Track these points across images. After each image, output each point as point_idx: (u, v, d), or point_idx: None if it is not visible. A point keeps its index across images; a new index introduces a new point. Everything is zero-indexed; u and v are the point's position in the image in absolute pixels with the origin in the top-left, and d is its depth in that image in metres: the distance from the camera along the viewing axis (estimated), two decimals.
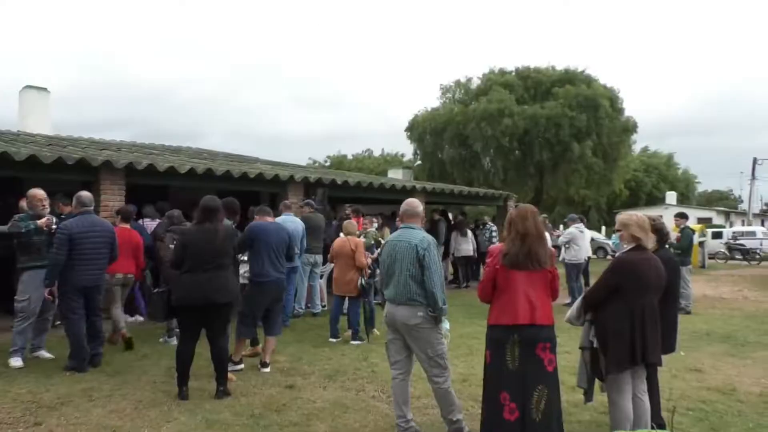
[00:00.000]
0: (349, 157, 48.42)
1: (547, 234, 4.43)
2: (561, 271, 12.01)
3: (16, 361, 5.84)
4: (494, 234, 13.89)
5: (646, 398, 4.05)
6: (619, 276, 3.98)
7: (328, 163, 46.72)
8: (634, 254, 4.01)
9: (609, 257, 26.33)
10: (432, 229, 12.44)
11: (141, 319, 8.51)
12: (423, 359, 4.21)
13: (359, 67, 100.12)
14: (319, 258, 9.37)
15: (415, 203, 4.49)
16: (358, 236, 8.14)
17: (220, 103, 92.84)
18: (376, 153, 49.84)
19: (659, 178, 44.33)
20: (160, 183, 9.81)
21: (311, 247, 9.03)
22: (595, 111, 25.60)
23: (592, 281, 12.62)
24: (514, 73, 28.84)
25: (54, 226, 6.06)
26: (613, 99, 27.13)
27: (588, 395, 4.23)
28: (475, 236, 14.07)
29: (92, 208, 6.16)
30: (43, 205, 6.12)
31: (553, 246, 7.69)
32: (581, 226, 11.56)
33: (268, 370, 5.82)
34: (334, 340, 7.40)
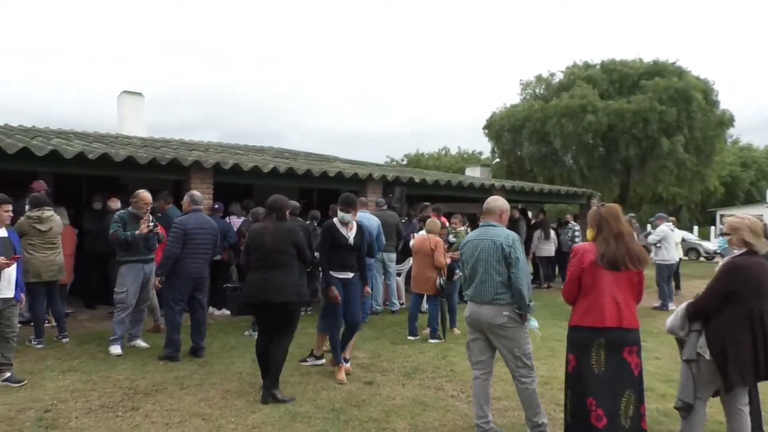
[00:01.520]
0: (426, 155, 48.33)
1: (634, 234, 4.24)
2: (649, 273, 11.52)
3: (115, 349, 6.25)
4: (577, 233, 13.46)
5: (746, 410, 3.79)
6: (733, 282, 3.71)
7: (405, 162, 46.85)
8: (747, 258, 3.74)
9: (701, 259, 24.92)
10: (511, 228, 12.20)
11: (227, 312, 8.87)
12: (509, 359, 4.14)
13: (437, 65, 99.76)
14: (393, 256, 9.40)
15: (495, 200, 4.41)
16: (447, 235, 8.14)
17: (302, 104, 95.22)
18: (453, 151, 49.48)
19: (759, 174, 40.73)
20: (245, 182, 10.20)
21: (384, 245, 9.09)
22: (687, 104, 24.19)
23: (683, 284, 12.04)
24: (598, 67, 27.76)
25: (151, 225, 6.45)
26: (707, 91, 25.57)
27: (687, 410, 3.87)
28: (557, 235, 13.70)
29: (202, 206, 6.52)
30: (147, 208, 6.53)
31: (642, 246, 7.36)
32: (671, 224, 11.00)
33: (347, 365, 5.91)
34: (412, 338, 7.41)
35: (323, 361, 6.03)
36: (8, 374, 5.14)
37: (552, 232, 13.55)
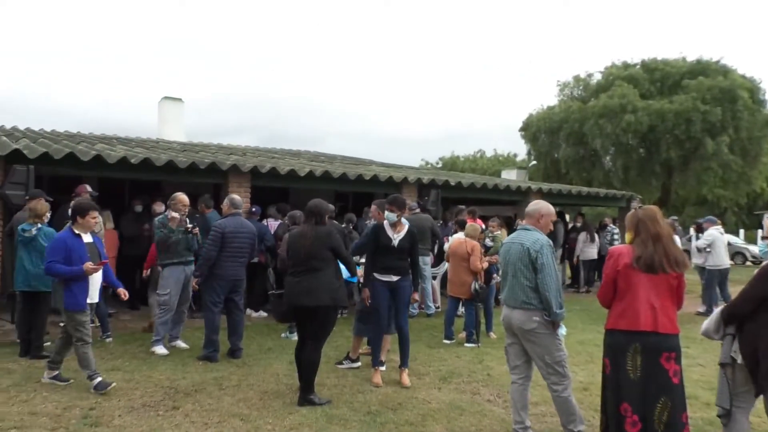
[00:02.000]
0: (461, 158, 48.06)
1: (677, 237, 4.13)
2: (694, 277, 11.22)
3: (160, 349, 6.39)
4: (616, 236, 13.21)
5: None
6: None
7: (440, 165, 46.69)
8: None
9: (748, 263, 24.13)
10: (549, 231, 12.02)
11: (265, 314, 8.98)
12: (540, 366, 4.08)
13: (472, 67, 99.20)
14: (428, 259, 9.35)
15: (535, 204, 4.35)
16: (484, 239, 8.08)
17: (339, 108, 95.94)
18: (489, 153, 49.08)
19: None
20: (282, 185, 10.32)
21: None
22: (732, 104, 23.42)
23: (730, 290, 11.68)
24: (638, 66, 27.14)
25: (189, 226, 6.59)
26: (753, 90, 24.70)
27: (726, 417, 3.77)
28: (597, 239, 13.46)
29: (241, 210, 6.63)
30: (185, 210, 6.67)
31: (684, 250, 7.16)
32: (720, 228, 10.67)
33: (383, 368, 5.90)
34: (448, 341, 7.37)
35: (359, 364, 6.03)
36: (56, 372, 5.25)
37: (595, 235, 13.34)
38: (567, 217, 15.47)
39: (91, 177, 8.93)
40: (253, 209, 8.78)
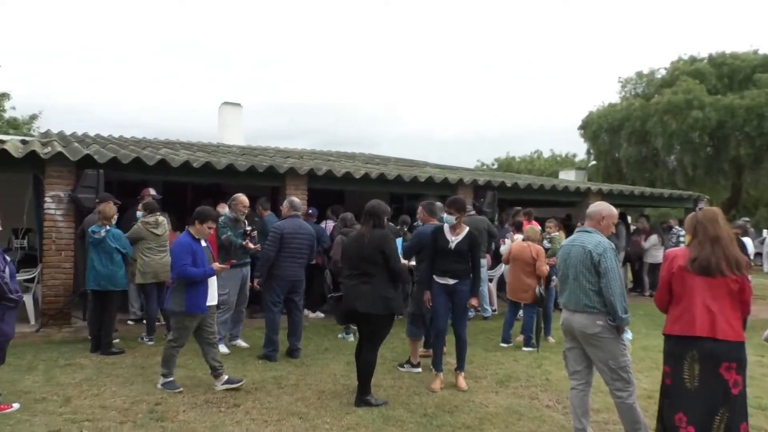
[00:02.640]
0: (518, 158, 47.31)
1: (748, 239, 3.93)
2: (764, 281, 10.64)
3: (222, 348, 6.57)
4: (682, 238, 12.65)
5: None
6: None
7: (495, 166, 46.11)
8: None
9: None
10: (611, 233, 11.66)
11: (322, 315, 9.09)
12: (604, 371, 3.96)
13: (527, 66, 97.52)
14: (484, 261, 9.24)
15: (596, 205, 4.23)
16: (542, 240, 7.94)
17: (395, 110, 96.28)
18: (546, 154, 48.10)
19: None
20: (338, 187, 10.44)
21: None
22: None
23: None
24: (705, 61, 26.00)
25: (247, 228, 6.76)
26: None
27: None
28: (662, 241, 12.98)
29: (300, 212, 6.76)
30: (245, 211, 6.84)
31: (757, 253, 6.82)
32: None
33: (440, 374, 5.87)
34: (505, 345, 7.27)
35: (419, 369, 6.00)
36: (226, 377, 5.23)
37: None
38: (629, 218, 14.97)
39: (155, 180, 9.29)
40: (310, 211, 8.91)
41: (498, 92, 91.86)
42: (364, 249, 4.90)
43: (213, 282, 5.27)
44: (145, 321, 7.33)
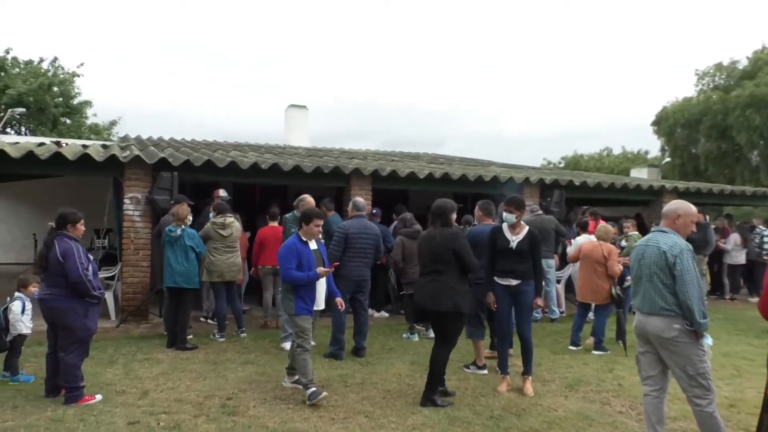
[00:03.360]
0: (586, 156, 45.93)
1: None
2: None
3: (287, 346, 6.69)
4: (766, 239, 11.96)
5: None
6: None
7: (562, 164, 44.96)
8: None
9: None
10: (700, 234, 11.05)
11: (386, 315, 9.13)
12: (681, 377, 3.77)
13: (594, 62, 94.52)
14: (552, 261, 9.02)
15: (672, 203, 4.04)
16: (617, 241, 7.69)
17: (460, 110, 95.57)
18: (616, 151, 46.46)
19: None
20: (402, 187, 10.45)
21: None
22: None
23: None
24: None
25: None
26: None
27: None
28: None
29: (365, 212, 6.82)
30: None
31: None
32: None
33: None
34: (574, 347, 7.06)
35: (486, 371, 5.93)
36: (296, 377, 5.18)
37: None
38: (707, 218, 14.25)
39: (226, 182, 9.59)
40: (374, 211, 8.97)
41: (565, 89, 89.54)
42: (434, 248, 4.91)
43: (321, 285, 5.15)
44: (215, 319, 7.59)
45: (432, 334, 7.31)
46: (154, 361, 6.12)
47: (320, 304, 5.16)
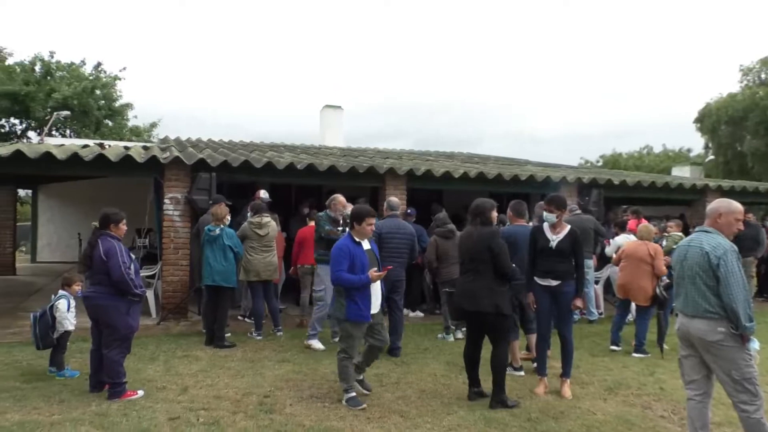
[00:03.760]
0: (625, 155, 44.93)
1: None
2: None
3: (316, 344, 6.76)
4: None
5: None
6: None
7: (600, 163, 44.10)
8: None
9: None
10: (747, 233, 10.66)
11: (421, 315, 9.11)
12: (726, 382, 3.65)
13: (633, 57, 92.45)
14: (590, 262, 8.85)
15: (716, 202, 3.92)
16: (657, 241, 7.53)
17: (491, 109, 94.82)
18: (657, 149, 45.31)
19: None
20: (437, 187, 10.42)
21: None
22: None
23: None
24: None
25: (340, 229, 6.92)
26: None
27: None
28: None
29: (399, 212, 6.83)
30: (343, 211, 7.01)
31: None
32: None
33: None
34: (616, 348, 6.90)
35: (522, 373, 5.86)
36: (361, 377, 5.09)
37: None
38: (752, 217, 13.78)
39: (263, 182, 9.71)
40: (409, 211, 8.96)
41: (602, 87, 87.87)
42: (472, 247, 4.89)
43: (376, 288, 4.91)
44: (253, 317, 7.69)
45: (460, 336, 7.30)
46: (194, 358, 6.24)
47: (375, 308, 4.90)
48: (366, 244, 4.95)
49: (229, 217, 7.06)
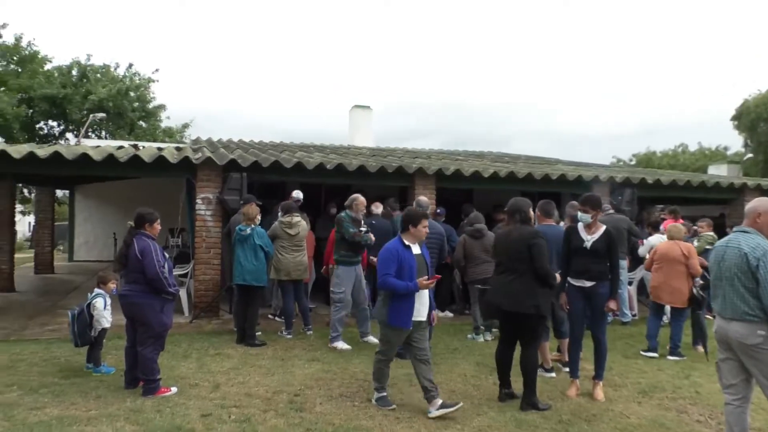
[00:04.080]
0: (659, 153, 44.07)
1: None
2: None
3: (341, 345, 6.78)
4: None
5: None
6: None
7: (633, 162, 43.33)
8: None
9: None
10: None
11: (451, 315, 9.08)
12: (766, 386, 3.55)
13: (669, 54, 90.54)
14: (624, 263, 8.68)
15: (755, 201, 3.80)
16: (689, 241, 7.36)
17: (522, 108, 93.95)
18: (692, 147, 44.33)
19: None
20: (466, 187, 10.36)
21: None
22: None
23: None
24: None
25: (363, 229, 6.94)
26: None
27: None
28: None
29: (428, 211, 6.82)
30: (364, 210, 7.06)
31: None
32: None
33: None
34: (654, 354, 6.72)
35: (553, 374, 5.80)
36: (440, 400, 4.59)
37: None
38: None
39: (292, 182, 9.79)
40: (438, 211, 8.93)
41: (636, 84, 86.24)
42: (511, 245, 4.81)
43: (424, 295, 4.65)
44: (282, 316, 7.76)
45: (489, 337, 7.25)
46: (225, 356, 6.32)
47: (421, 315, 4.65)
48: (416, 249, 4.72)
49: (259, 217, 7.13)
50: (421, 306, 4.64)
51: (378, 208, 8.68)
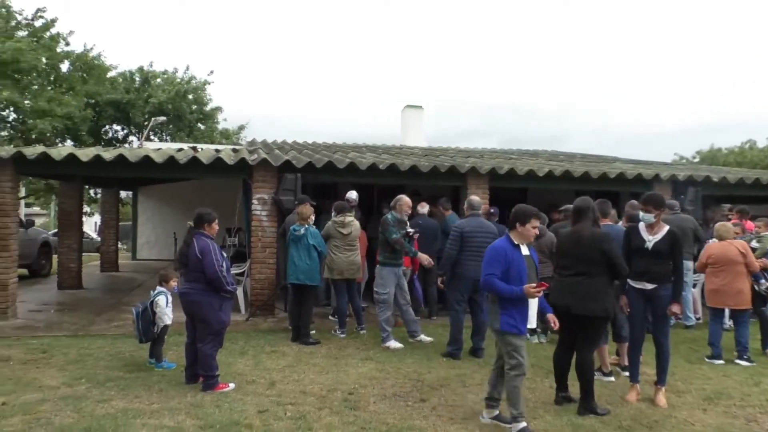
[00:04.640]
0: (725, 150, 42.15)
1: None
2: None
3: (393, 344, 6.79)
4: None
5: None
6: None
7: (696, 159, 41.62)
8: None
9: None
10: None
11: None
12: None
13: (733, 50, 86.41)
14: (690, 264, 8.34)
15: None
16: (749, 240, 7.04)
17: (579, 106, 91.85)
18: (761, 144, 42.20)
19: None
20: (520, 186, 10.19)
21: None
22: None
23: None
24: None
25: (410, 230, 6.92)
26: None
27: None
28: None
29: (480, 211, 6.77)
30: (409, 211, 7.12)
31: None
32: None
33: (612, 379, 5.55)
34: (720, 361, 6.40)
35: (612, 378, 5.64)
36: (497, 412, 4.43)
37: None
38: None
39: (345, 183, 9.87)
40: (492, 210, 8.82)
41: (699, 80, 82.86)
42: (581, 247, 4.67)
43: (533, 302, 4.29)
44: (336, 315, 7.83)
45: (543, 340, 7.10)
46: (280, 353, 6.43)
47: (532, 321, 4.35)
48: (525, 249, 4.38)
49: (313, 217, 7.23)
50: (532, 312, 4.30)
51: (424, 208, 8.66)
